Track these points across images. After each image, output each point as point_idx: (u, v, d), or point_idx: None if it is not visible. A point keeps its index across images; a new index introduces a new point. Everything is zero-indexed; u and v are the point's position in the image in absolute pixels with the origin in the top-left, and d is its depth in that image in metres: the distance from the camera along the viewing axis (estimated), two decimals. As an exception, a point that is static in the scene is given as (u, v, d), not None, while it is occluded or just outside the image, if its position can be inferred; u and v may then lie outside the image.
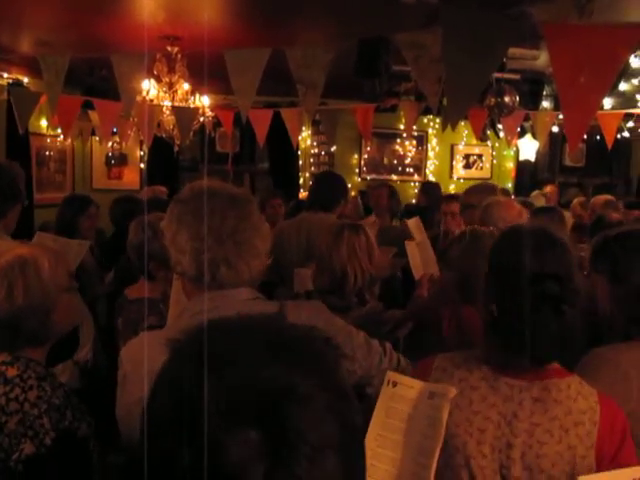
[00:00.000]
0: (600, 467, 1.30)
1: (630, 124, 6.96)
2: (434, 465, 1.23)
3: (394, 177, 8.84)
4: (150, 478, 0.59)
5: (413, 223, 3.78)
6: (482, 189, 3.58)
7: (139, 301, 2.49)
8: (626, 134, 7.25)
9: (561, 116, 5.94)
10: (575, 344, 1.40)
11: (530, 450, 1.31)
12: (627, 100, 6.02)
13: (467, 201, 3.58)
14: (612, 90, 5.52)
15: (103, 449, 1.66)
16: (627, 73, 5.52)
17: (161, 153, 7.26)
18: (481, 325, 2.16)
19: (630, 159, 9.13)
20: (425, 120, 8.80)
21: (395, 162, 9.11)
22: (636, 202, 5.36)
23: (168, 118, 5.72)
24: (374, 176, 8.86)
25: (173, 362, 0.65)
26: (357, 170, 8.98)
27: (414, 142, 9.05)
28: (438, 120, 8.55)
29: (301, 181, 8.69)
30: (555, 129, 7.07)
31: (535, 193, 7.23)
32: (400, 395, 1.34)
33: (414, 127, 7.00)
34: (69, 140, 7.38)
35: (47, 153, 7.31)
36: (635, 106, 5.96)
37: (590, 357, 1.58)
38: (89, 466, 1.59)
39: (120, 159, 8.29)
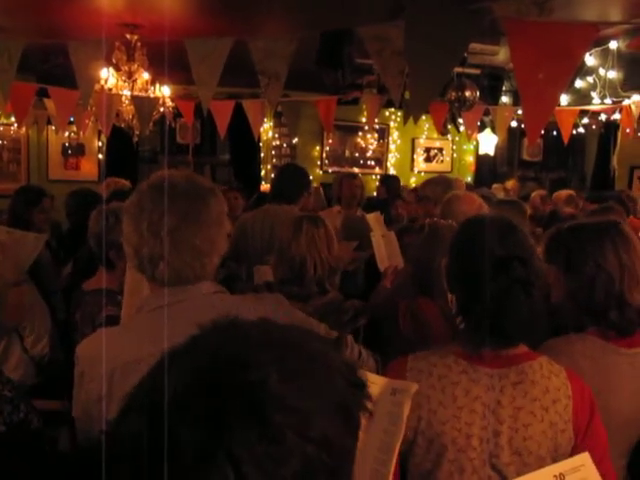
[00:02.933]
0: (577, 437, 1.36)
1: (585, 120, 7.13)
2: (393, 461, 1.21)
3: (356, 169, 8.87)
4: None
5: (373, 218, 3.79)
6: (437, 182, 3.65)
7: (96, 292, 2.43)
8: (581, 130, 7.43)
9: (520, 111, 6.05)
10: (541, 325, 1.44)
11: (517, 434, 1.33)
12: (582, 97, 6.17)
13: (423, 193, 3.65)
14: (568, 87, 5.66)
15: (54, 443, 1.62)
16: (582, 71, 5.66)
17: (120, 144, 7.10)
18: (438, 316, 2.20)
19: (585, 154, 9.37)
20: (387, 113, 8.86)
21: (357, 155, 9.14)
22: (596, 196, 5.50)
23: (127, 108, 5.60)
24: (336, 168, 8.87)
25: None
26: (319, 162, 8.98)
27: (376, 135, 9.11)
28: (400, 113, 8.61)
29: (262, 173, 8.65)
30: (514, 124, 7.20)
31: (495, 186, 7.35)
32: None
33: (376, 120, 7.03)
34: (23, 129, 7.18)
35: (0, 142, 7.10)
36: (590, 103, 6.11)
37: (544, 349, 1.61)
38: (43, 459, 1.55)
39: (77, 149, 8.09)
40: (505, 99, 6.86)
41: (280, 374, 0.59)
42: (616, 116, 6.50)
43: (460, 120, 6.93)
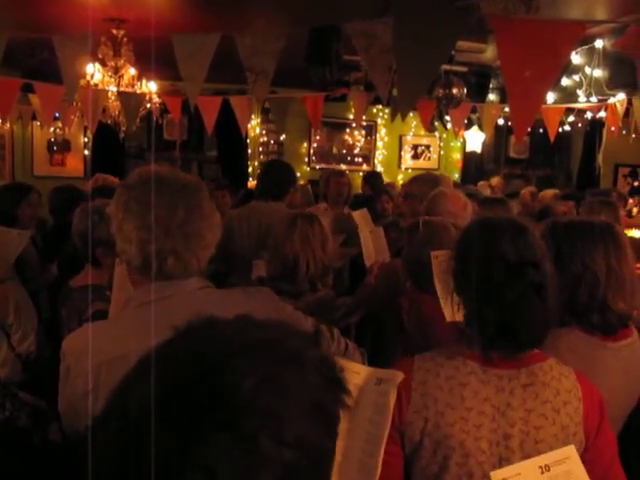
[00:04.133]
0: (588, 439, 1.34)
1: (571, 118, 7.19)
2: (381, 452, 1.20)
3: (343, 166, 8.86)
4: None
5: (359, 215, 3.80)
6: (424, 179, 3.64)
7: (83, 289, 2.41)
8: (567, 128, 7.49)
9: (507, 109, 6.09)
10: (552, 328, 1.41)
11: (528, 437, 1.31)
12: (568, 95, 6.22)
13: (409, 190, 3.65)
14: (555, 85, 5.70)
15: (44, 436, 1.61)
16: (569, 69, 5.71)
17: (106, 140, 7.06)
18: (440, 314, 2.19)
19: (570, 152, 9.43)
20: (374, 110, 8.86)
21: (344, 152, 9.14)
22: (570, 194, 5.53)
23: (113, 104, 5.56)
24: (323, 165, 8.87)
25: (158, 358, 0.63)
26: (306, 159, 8.97)
27: (363, 132, 9.11)
28: (387, 110, 8.62)
29: (250, 170, 8.62)
30: (501, 121, 7.24)
31: (481, 183, 7.38)
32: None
33: (363, 117, 7.04)
34: (8, 124, 7.11)
35: (-16, 138, 7.03)
36: (576, 101, 6.16)
37: None
38: (30, 455, 1.54)
39: (63, 145, 8.03)
40: (492, 96, 6.90)
41: (254, 378, 0.58)
42: (601, 114, 6.55)
43: (447, 117, 6.96)
